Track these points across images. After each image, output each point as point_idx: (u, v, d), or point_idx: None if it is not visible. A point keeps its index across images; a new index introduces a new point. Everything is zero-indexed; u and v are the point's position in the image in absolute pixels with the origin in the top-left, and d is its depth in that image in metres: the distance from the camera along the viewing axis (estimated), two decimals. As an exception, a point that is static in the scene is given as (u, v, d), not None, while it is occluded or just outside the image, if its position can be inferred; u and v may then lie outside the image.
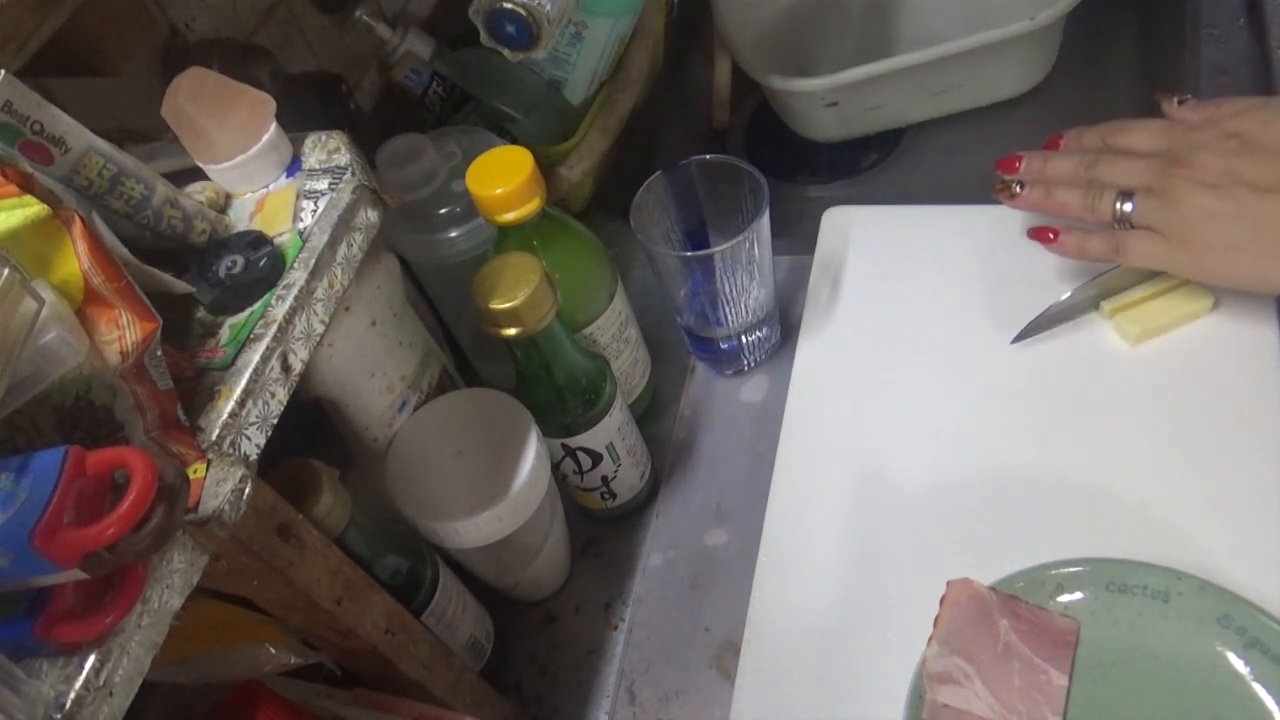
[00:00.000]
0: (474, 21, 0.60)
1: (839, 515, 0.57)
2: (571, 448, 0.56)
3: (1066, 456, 0.55)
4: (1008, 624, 0.48)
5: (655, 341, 0.68)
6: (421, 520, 0.50)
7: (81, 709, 0.28)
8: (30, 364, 0.29)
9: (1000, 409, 0.58)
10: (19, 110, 0.34)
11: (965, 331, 0.62)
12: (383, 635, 0.43)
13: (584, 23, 0.67)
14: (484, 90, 0.70)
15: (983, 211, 0.68)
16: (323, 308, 0.40)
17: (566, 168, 0.70)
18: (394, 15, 0.70)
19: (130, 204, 0.39)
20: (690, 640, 0.57)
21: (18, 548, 0.26)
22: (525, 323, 0.49)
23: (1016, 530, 0.53)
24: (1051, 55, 0.82)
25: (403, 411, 0.53)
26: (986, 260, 0.65)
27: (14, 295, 0.28)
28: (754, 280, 0.60)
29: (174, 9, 0.58)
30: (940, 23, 0.86)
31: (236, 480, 0.34)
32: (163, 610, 0.31)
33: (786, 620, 0.54)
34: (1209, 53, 0.71)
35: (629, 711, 0.55)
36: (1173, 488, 0.52)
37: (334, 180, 0.43)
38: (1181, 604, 0.47)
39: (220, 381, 0.36)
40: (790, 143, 0.88)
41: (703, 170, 0.61)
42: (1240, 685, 0.45)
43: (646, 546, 0.62)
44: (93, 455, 0.28)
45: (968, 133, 0.85)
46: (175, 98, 0.42)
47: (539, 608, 0.61)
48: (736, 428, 0.65)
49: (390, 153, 0.60)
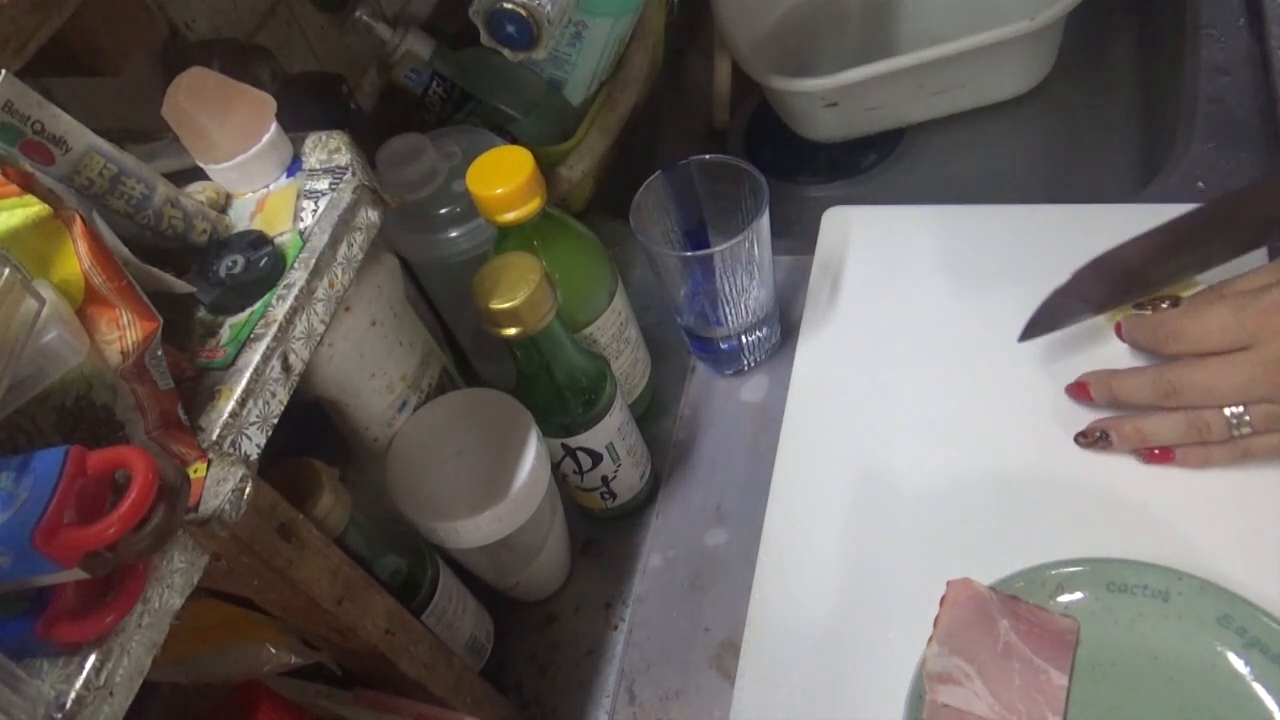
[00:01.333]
0: (474, 21, 0.60)
1: (839, 515, 0.57)
2: (571, 448, 0.56)
3: (1066, 456, 0.55)
4: (1008, 624, 0.48)
5: (655, 341, 0.68)
6: (421, 520, 0.50)
7: (82, 709, 0.28)
8: (31, 363, 0.29)
9: (1000, 409, 0.58)
10: (20, 110, 0.34)
11: (965, 331, 0.62)
12: (383, 635, 0.43)
13: (584, 23, 0.67)
14: (484, 90, 0.70)
15: (983, 211, 0.68)
16: (323, 308, 0.40)
17: (566, 168, 0.70)
18: (394, 15, 0.70)
19: (131, 204, 0.39)
20: (690, 640, 0.57)
21: (18, 547, 0.26)
22: (525, 323, 0.49)
23: (1016, 530, 0.53)
24: (1051, 55, 0.82)
25: (403, 411, 0.53)
26: (986, 260, 0.65)
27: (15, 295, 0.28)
28: (754, 280, 0.60)
29: (174, 9, 0.58)
30: (940, 23, 0.86)
31: (237, 480, 0.34)
32: (163, 610, 0.31)
33: (786, 620, 0.54)
34: (1209, 53, 0.71)
35: (629, 711, 0.55)
36: (1173, 488, 0.52)
37: (334, 180, 0.43)
38: (1181, 604, 0.47)
39: (221, 381, 0.36)
40: (790, 143, 0.88)
41: (703, 170, 0.61)
42: (1240, 685, 0.45)
43: (646, 546, 0.62)
44: (93, 455, 0.28)
45: (968, 133, 0.85)
46: (175, 98, 0.42)
47: (539, 608, 0.61)
48: (736, 428, 0.65)
49: (390, 153, 0.60)
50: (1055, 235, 0.64)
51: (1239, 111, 0.68)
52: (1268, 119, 0.66)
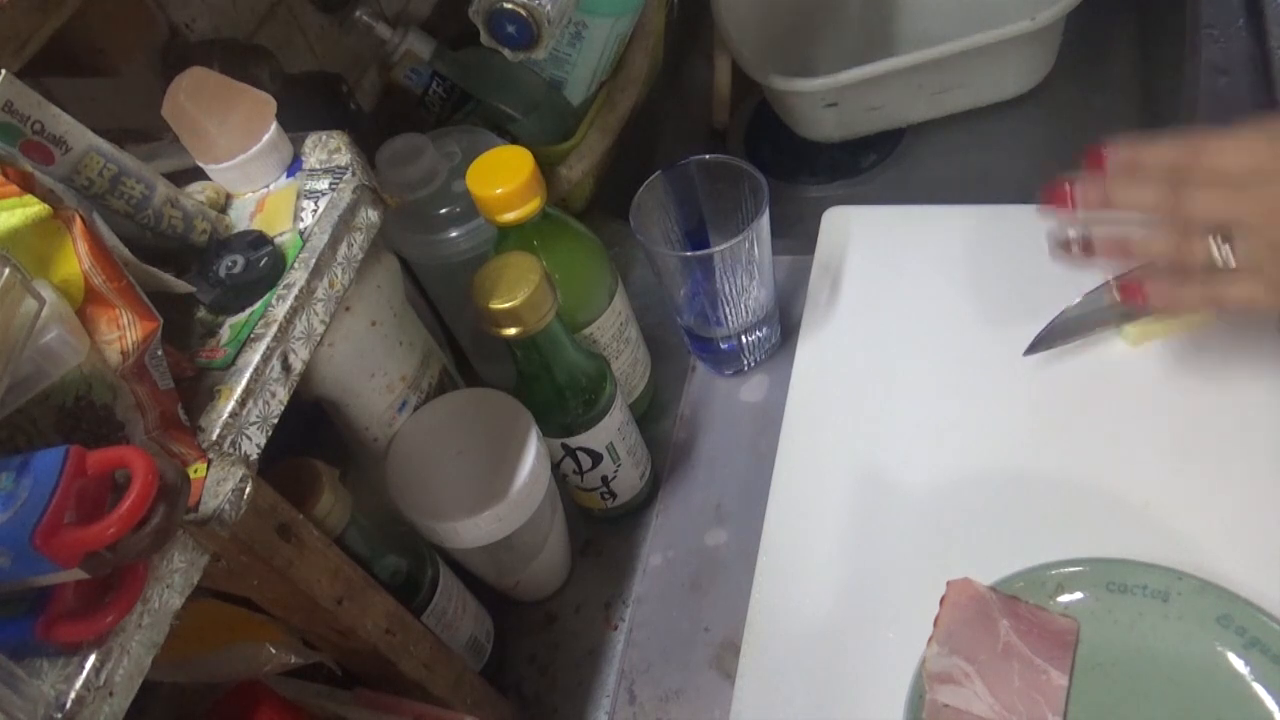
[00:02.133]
0: (474, 21, 0.60)
1: (839, 515, 0.57)
2: (571, 448, 0.56)
3: (1066, 456, 0.55)
4: (1008, 624, 0.48)
5: (655, 341, 0.68)
6: (421, 520, 0.50)
7: (82, 709, 0.28)
8: (31, 363, 0.29)
9: (1000, 408, 0.58)
10: (20, 110, 0.35)
11: (965, 331, 0.62)
12: (383, 635, 0.43)
13: (584, 23, 0.67)
14: (484, 90, 0.70)
15: (983, 211, 0.68)
16: (323, 307, 0.40)
17: (566, 168, 0.70)
18: (394, 15, 0.70)
19: (131, 204, 0.39)
20: (690, 640, 0.57)
21: (18, 547, 0.26)
22: (525, 323, 0.49)
23: (1016, 530, 0.53)
24: (1051, 55, 0.82)
25: (403, 411, 0.53)
26: (986, 260, 0.65)
27: (15, 295, 0.28)
28: (754, 280, 0.60)
29: (174, 9, 0.57)
30: (940, 23, 0.86)
31: (237, 480, 0.34)
32: (163, 610, 0.31)
33: (786, 620, 0.54)
34: (1209, 53, 0.71)
35: (629, 711, 0.55)
36: (1173, 488, 0.52)
37: (334, 180, 0.43)
38: (1181, 604, 0.47)
39: (221, 381, 0.36)
40: (790, 143, 0.88)
41: (703, 170, 0.61)
42: (1240, 685, 0.45)
43: (646, 546, 0.62)
44: (93, 455, 0.28)
45: (968, 133, 0.85)
46: (175, 98, 0.42)
47: (539, 608, 0.61)
48: (736, 428, 0.65)
49: (390, 153, 0.60)
50: (1055, 235, 0.64)
51: (1239, 111, 0.67)
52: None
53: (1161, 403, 0.55)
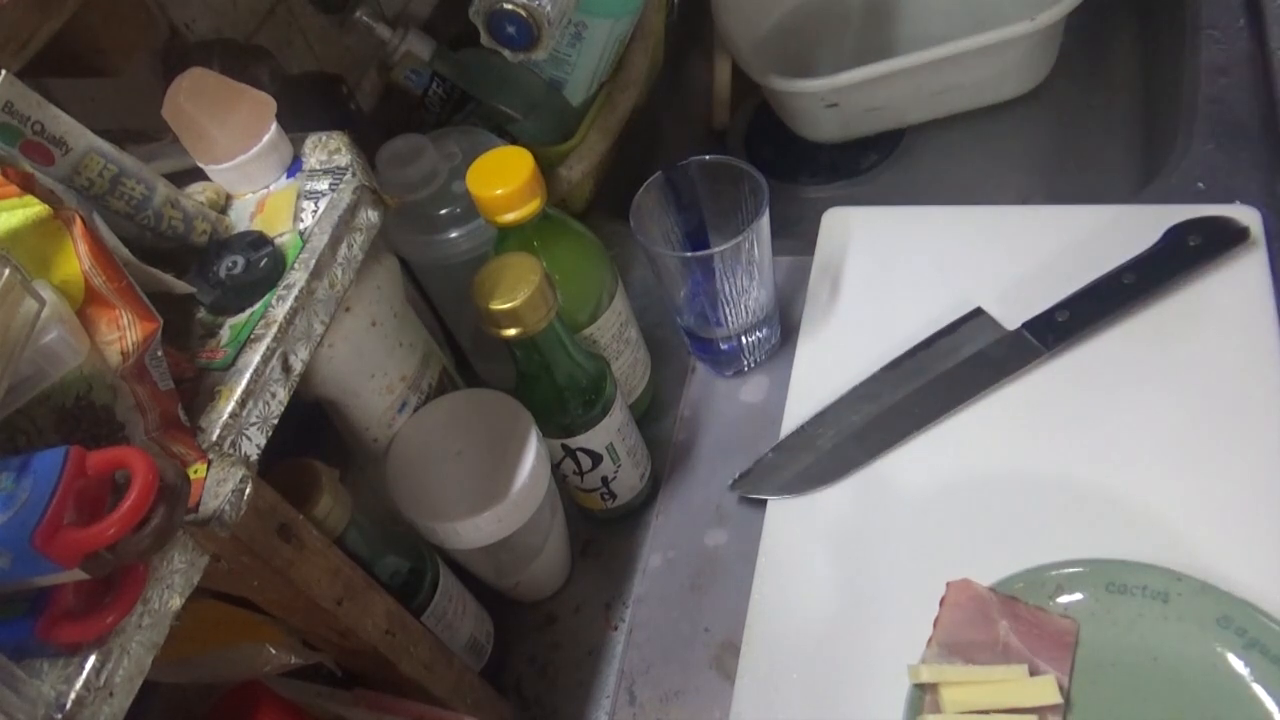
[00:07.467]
0: (474, 22, 0.60)
1: (839, 515, 0.57)
2: (571, 448, 0.56)
3: (1066, 457, 0.55)
4: (1007, 624, 0.48)
5: (655, 342, 0.68)
6: (421, 521, 0.50)
7: (82, 709, 0.28)
8: (31, 364, 0.29)
9: (1000, 409, 0.58)
10: (20, 110, 0.35)
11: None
12: (383, 635, 0.43)
13: (584, 23, 0.67)
14: (484, 91, 0.70)
15: (983, 211, 0.68)
16: (323, 308, 0.40)
17: (566, 168, 0.70)
18: (394, 16, 0.70)
19: (131, 204, 0.39)
20: (690, 640, 0.57)
21: (18, 548, 0.26)
22: (525, 323, 0.49)
23: (1016, 530, 0.53)
24: (1051, 56, 0.82)
25: (403, 412, 0.53)
26: (986, 260, 0.65)
27: (15, 295, 0.28)
28: (754, 281, 0.60)
29: (174, 9, 0.58)
30: (940, 23, 0.86)
31: (237, 480, 0.34)
32: (163, 610, 0.31)
33: (786, 620, 0.54)
34: (1209, 53, 0.71)
35: (629, 712, 0.55)
36: (1173, 488, 0.52)
37: (334, 181, 0.43)
38: (1181, 604, 0.47)
39: (221, 382, 0.36)
40: (790, 143, 0.88)
41: (703, 170, 0.61)
42: (1240, 686, 0.45)
43: (646, 547, 0.62)
44: (93, 455, 0.28)
45: (968, 133, 0.85)
46: (175, 98, 0.42)
47: (539, 608, 0.61)
48: (736, 428, 0.65)
49: (390, 153, 0.60)
50: (1055, 235, 0.64)
51: (1239, 112, 0.68)
52: (1268, 119, 0.66)
53: (1162, 403, 0.55)
